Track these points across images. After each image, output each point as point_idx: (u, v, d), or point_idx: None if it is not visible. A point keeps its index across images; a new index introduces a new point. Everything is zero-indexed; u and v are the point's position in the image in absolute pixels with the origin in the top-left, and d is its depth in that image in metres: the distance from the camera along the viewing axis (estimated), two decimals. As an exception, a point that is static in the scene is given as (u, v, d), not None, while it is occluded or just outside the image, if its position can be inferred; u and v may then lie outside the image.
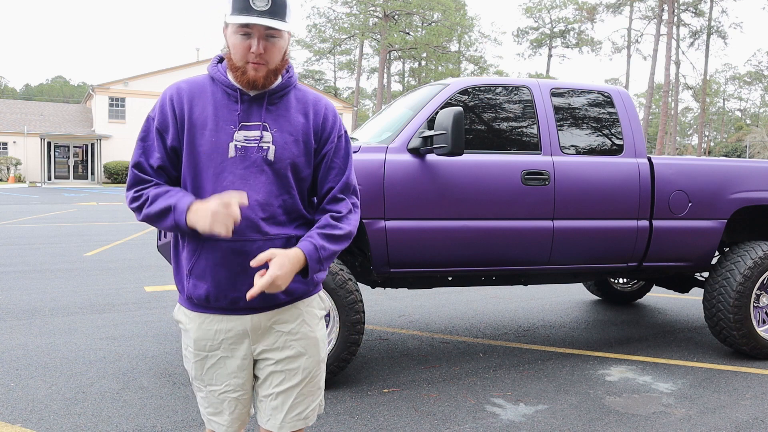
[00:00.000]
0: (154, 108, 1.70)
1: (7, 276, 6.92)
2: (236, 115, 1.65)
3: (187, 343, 1.78)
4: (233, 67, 1.64)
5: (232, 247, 1.64)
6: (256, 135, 1.65)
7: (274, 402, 1.76)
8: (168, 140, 1.67)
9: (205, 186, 1.65)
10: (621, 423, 3.20)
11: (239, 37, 1.60)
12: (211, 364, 1.75)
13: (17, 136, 37.04)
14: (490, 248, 3.86)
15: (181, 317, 1.80)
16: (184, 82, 1.71)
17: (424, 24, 48.04)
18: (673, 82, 44.44)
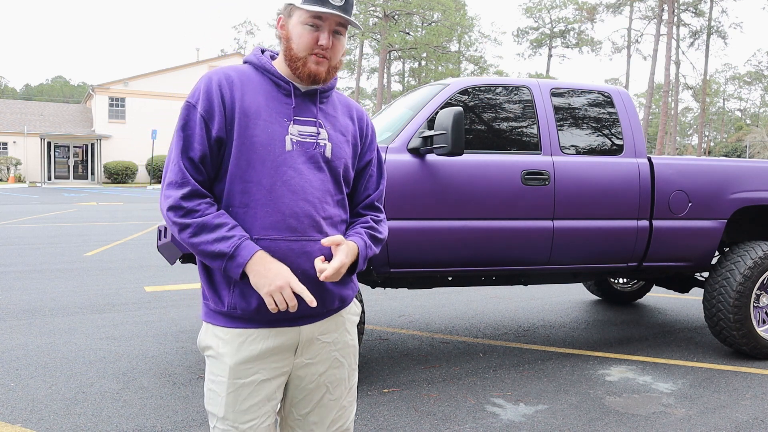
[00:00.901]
0: (196, 94, 1.54)
1: (7, 276, 6.92)
2: (290, 108, 1.58)
3: (217, 373, 1.53)
4: (293, 58, 1.56)
5: (292, 248, 1.52)
6: (312, 131, 1.59)
7: (314, 417, 1.66)
8: (213, 130, 1.51)
9: (261, 179, 1.51)
10: (621, 423, 3.21)
11: (308, 28, 1.54)
12: (248, 392, 1.53)
13: (17, 136, 37.04)
14: (490, 248, 3.86)
15: (211, 341, 1.55)
16: (230, 68, 1.59)
17: (424, 24, 48.06)
18: (673, 82, 44.45)
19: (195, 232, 1.46)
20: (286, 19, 1.58)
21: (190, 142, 1.50)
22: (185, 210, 1.46)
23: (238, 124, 1.52)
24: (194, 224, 1.46)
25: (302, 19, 1.54)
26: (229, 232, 1.46)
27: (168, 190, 1.48)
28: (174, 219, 1.47)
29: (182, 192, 1.46)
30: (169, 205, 1.47)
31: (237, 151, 1.51)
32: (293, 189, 1.53)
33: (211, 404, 1.56)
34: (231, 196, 1.52)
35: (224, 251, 1.45)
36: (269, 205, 1.51)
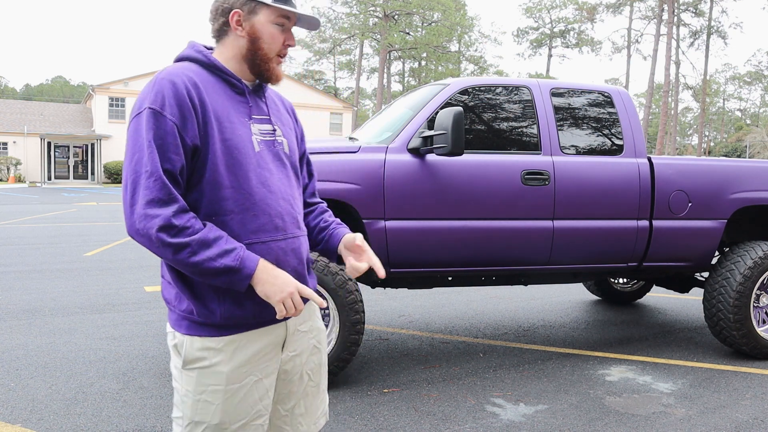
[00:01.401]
0: (159, 98, 1.40)
1: (7, 276, 6.92)
2: (248, 107, 1.55)
3: (209, 383, 1.47)
4: (263, 58, 1.53)
5: (281, 246, 1.52)
6: (269, 128, 1.58)
7: (300, 409, 1.66)
8: (188, 138, 1.41)
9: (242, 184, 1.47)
10: (621, 423, 3.21)
11: (278, 28, 1.52)
12: (242, 395, 1.49)
13: (17, 136, 37.04)
14: (490, 248, 3.86)
15: (200, 353, 1.47)
16: (183, 69, 1.47)
17: (424, 24, 48.05)
18: (673, 82, 44.45)
19: (195, 251, 1.35)
20: (246, 15, 1.50)
21: (165, 153, 1.37)
22: (178, 228, 1.35)
23: (212, 128, 1.44)
24: (193, 242, 1.35)
25: (272, 18, 1.51)
26: (228, 244, 1.39)
27: (151, 208, 1.33)
28: (168, 240, 1.34)
29: (172, 209, 1.35)
30: (159, 225, 1.33)
31: (215, 158, 1.43)
32: (272, 189, 1.52)
33: (200, 415, 1.48)
34: (213, 204, 1.45)
35: (231, 266, 1.37)
36: (255, 208, 1.48)
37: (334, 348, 3.55)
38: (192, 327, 1.47)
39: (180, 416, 1.51)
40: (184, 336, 1.47)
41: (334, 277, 3.50)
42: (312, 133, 39.54)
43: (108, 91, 37.15)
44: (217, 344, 1.47)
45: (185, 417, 1.49)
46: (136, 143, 1.38)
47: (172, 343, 1.51)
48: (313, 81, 59.57)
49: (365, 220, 3.62)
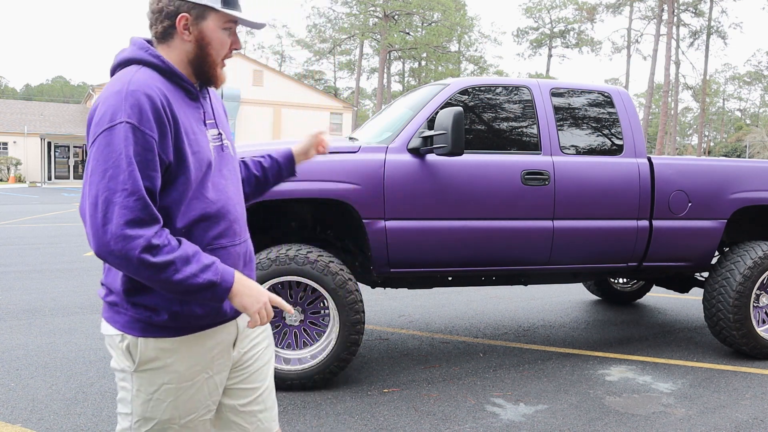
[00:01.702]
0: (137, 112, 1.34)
1: (7, 276, 6.93)
2: (201, 113, 1.54)
3: (161, 382, 1.47)
4: (211, 64, 1.50)
5: (237, 251, 1.57)
6: (215, 133, 1.58)
7: (259, 406, 1.67)
8: (164, 155, 1.38)
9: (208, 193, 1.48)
10: (621, 423, 3.21)
11: (225, 32, 1.50)
12: (194, 392, 1.51)
13: (17, 136, 37.05)
14: (490, 248, 3.86)
15: (154, 353, 1.46)
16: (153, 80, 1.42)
17: (424, 24, 48.05)
18: (673, 82, 44.45)
19: (179, 268, 1.33)
20: (194, 20, 1.46)
21: (145, 170, 1.33)
22: (159, 247, 1.31)
23: (184, 143, 1.42)
24: (177, 259, 1.33)
25: (221, 24, 1.48)
26: (207, 259, 1.39)
27: (131, 229, 1.28)
28: (151, 260, 1.30)
29: (154, 230, 1.32)
30: (142, 246, 1.29)
31: (188, 171, 1.42)
32: (229, 195, 1.55)
33: (150, 412, 1.48)
34: (184, 215, 1.44)
35: (213, 280, 1.37)
36: (217, 216, 1.50)
37: (334, 348, 3.55)
38: (147, 329, 1.45)
39: (128, 413, 1.50)
40: (137, 338, 1.45)
41: (334, 277, 3.50)
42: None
43: (108, 91, 37.08)
44: (172, 344, 1.47)
45: (134, 414, 1.49)
46: (109, 158, 1.30)
47: (122, 345, 1.46)
48: (313, 81, 59.57)
49: (365, 220, 3.63)
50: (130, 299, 1.44)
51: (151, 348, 1.45)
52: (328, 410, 3.30)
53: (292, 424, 3.10)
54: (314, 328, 3.65)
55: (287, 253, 3.48)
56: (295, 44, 50.45)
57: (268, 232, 4.04)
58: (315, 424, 3.11)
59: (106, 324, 1.50)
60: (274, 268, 3.44)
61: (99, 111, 1.36)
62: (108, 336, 1.50)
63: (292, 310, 1.51)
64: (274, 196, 3.51)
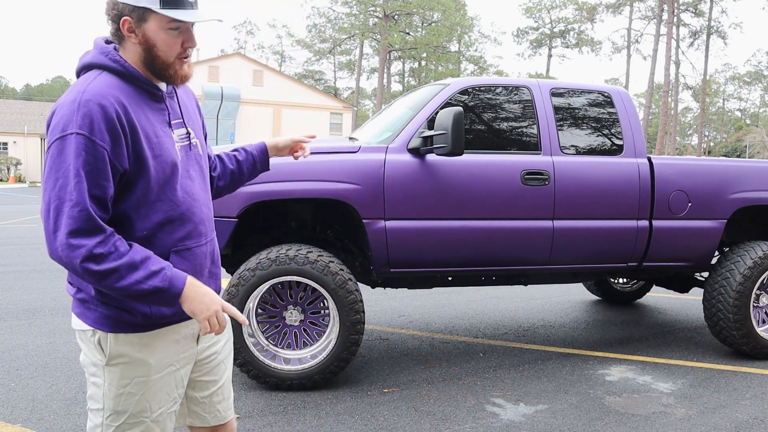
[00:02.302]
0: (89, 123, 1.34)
1: (7, 276, 6.93)
2: (166, 114, 1.54)
3: (133, 376, 1.51)
4: (163, 65, 1.47)
5: (203, 251, 1.61)
6: (183, 132, 1.58)
7: (217, 397, 1.75)
8: (118, 163, 1.38)
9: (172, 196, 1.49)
10: (621, 423, 3.21)
11: (171, 33, 1.46)
12: (162, 384, 1.55)
13: (17, 136, 37.06)
14: (490, 248, 3.86)
15: (123, 348, 1.49)
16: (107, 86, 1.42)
17: (424, 24, 48.05)
18: (673, 82, 44.45)
19: (123, 275, 1.35)
20: (136, 23, 1.44)
21: (96, 179, 1.34)
22: (103, 255, 1.34)
23: (143, 149, 1.42)
24: (121, 266, 1.35)
25: (162, 25, 1.44)
26: (155, 265, 1.40)
27: (74, 238, 1.32)
28: (94, 269, 1.33)
29: (96, 239, 1.34)
30: (84, 255, 1.32)
31: (148, 176, 1.43)
32: (194, 197, 1.57)
33: (122, 405, 1.51)
34: (144, 218, 1.45)
35: (159, 286, 1.39)
36: (183, 218, 1.52)
37: (334, 348, 3.55)
38: (118, 325, 1.49)
39: (99, 408, 1.53)
40: (108, 333, 1.49)
41: (334, 277, 3.50)
42: (312, 133, 39.44)
43: (108, 91, 37.09)
44: (141, 339, 1.51)
45: (106, 409, 1.52)
46: (60, 168, 1.33)
47: (94, 339, 1.49)
48: (313, 81, 59.57)
49: (365, 220, 3.63)
50: (101, 299, 1.48)
51: (122, 342, 1.49)
52: (328, 410, 3.30)
53: (292, 424, 3.10)
54: (314, 328, 3.65)
55: (287, 253, 3.48)
56: (295, 44, 50.44)
57: (268, 232, 4.04)
58: (315, 424, 3.11)
59: (76, 319, 1.53)
60: (274, 268, 3.44)
61: (54, 119, 1.38)
62: (79, 331, 1.53)
63: (246, 322, 1.53)
64: (275, 196, 3.51)
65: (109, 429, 1.53)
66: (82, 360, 1.55)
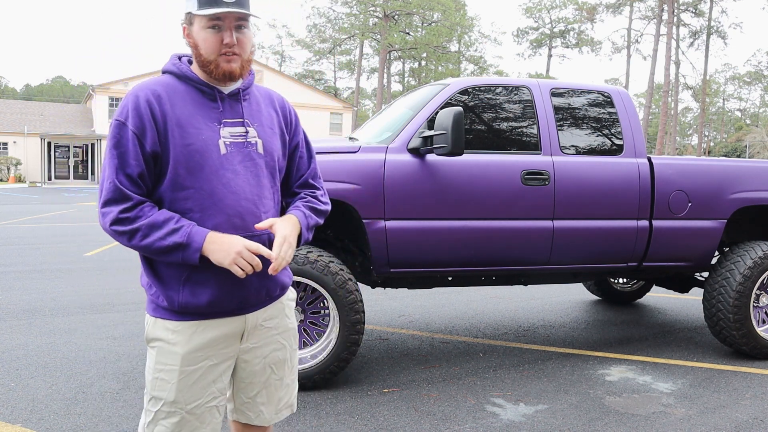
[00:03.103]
0: (124, 111, 1.57)
1: (7, 276, 6.92)
2: (218, 112, 1.64)
3: (166, 362, 1.62)
4: (204, 63, 1.62)
5: None
6: (241, 131, 1.67)
7: (261, 398, 1.79)
8: (147, 145, 1.56)
9: (201, 185, 1.59)
10: (621, 423, 3.21)
11: (210, 31, 1.60)
12: (197, 377, 1.63)
13: (17, 136, 37.04)
14: (490, 248, 3.86)
15: (160, 333, 1.63)
16: (153, 83, 1.63)
17: (424, 24, 48.04)
18: (673, 82, 44.44)
19: (146, 233, 1.52)
20: (189, 27, 1.64)
21: (125, 159, 1.54)
22: (128, 218, 1.52)
23: (172, 135, 1.57)
24: (143, 225, 1.52)
25: (202, 25, 1.60)
26: (177, 223, 1.54)
27: (105, 207, 1.54)
28: (120, 229, 1.52)
29: (121, 206, 1.53)
30: (111, 220, 1.52)
31: (175, 162, 1.57)
32: (233, 190, 1.62)
33: (157, 390, 1.62)
34: (174, 203, 1.59)
35: (179, 241, 1.52)
36: (212, 208, 1.59)
37: (334, 348, 3.55)
38: (157, 310, 1.64)
39: (147, 390, 1.67)
40: (150, 317, 1.66)
41: (334, 277, 3.50)
42: (312, 133, 39.53)
43: (108, 91, 37.15)
44: (176, 327, 1.62)
45: (147, 392, 1.66)
46: (106, 152, 1.59)
47: (145, 323, 1.69)
48: (313, 81, 59.55)
49: (365, 220, 3.63)
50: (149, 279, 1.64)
51: (160, 327, 1.64)
52: (328, 410, 3.30)
53: (292, 424, 3.10)
54: (314, 328, 3.65)
55: (287, 253, 3.47)
56: (295, 44, 50.43)
57: (268, 232, 4.03)
58: (315, 424, 3.11)
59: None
60: (274, 268, 3.44)
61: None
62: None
63: (272, 255, 1.57)
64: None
65: (150, 415, 1.64)
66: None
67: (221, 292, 1.62)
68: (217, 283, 1.61)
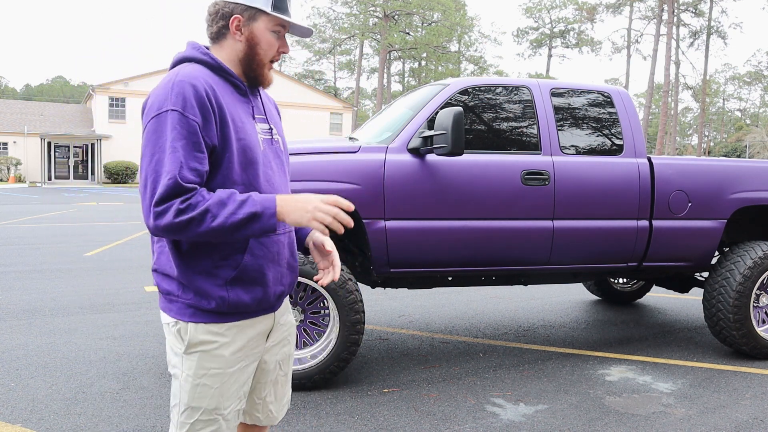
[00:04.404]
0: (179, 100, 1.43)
1: (7, 276, 6.92)
2: (251, 107, 1.63)
3: (210, 366, 1.54)
4: (259, 63, 1.60)
5: (281, 240, 1.62)
6: (266, 128, 1.67)
7: (270, 397, 1.76)
8: (208, 138, 1.46)
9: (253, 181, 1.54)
10: (621, 423, 3.21)
11: (274, 35, 1.60)
12: (234, 380, 1.58)
13: (17, 136, 37.04)
14: (490, 248, 3.86)
15: (205, 337, 1.53)
16: (196, 71, 1.51)
17: (424, 24, 48.04)
18: (673, 82, 44.44)
19: (215, 213, 1.39)
20: (246, 21, 1.57)
21: (191, 151, 1.42)
22: (190, 205, 1.39)
23: (229, 129, 1.50)
24: (210, 206, 1.39)
25: (270, 26, 1.58)
26: (242, 195, 1.44)
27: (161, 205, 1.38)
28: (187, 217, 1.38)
29: (181, 198, 1.39)
30: (174, 212, 1.38)
31: (231, 156, 1.50)
32: (275, 187, 1.61)
33: (197, 400, 1.54)
34: None
35: (253, 211, 1.42)
36: None
37: (334, 348, 3.55)
38: (197, 314, 1.53)
39: (176, 403, 1.57)
40: (188, 323, 1.53)
41: (334, 277, 3.49)
42: (312, 133, 39.52)
43: (108, 91, 37.15)
44: (220, 329, 1.54)
45: (182, 403, 1.55)
46: (157, 143, 1.41)
47: (174, 330, 1.55)
48: (313, 81, 59.55)
49: (365, 220, 3.63)
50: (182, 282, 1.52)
51: (201, 331, 1.53)
52: (328, 410, 3.30)
53: (292, 424, 3.10)
54: (314, 328, 3.65)
55: (287, 253, 3.48)
56: (295, 44, 50.43)
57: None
58: (315, 424, 3.11)
59: (163, 314, 1.60)
60: (274, 268, 3.44)
61: (149, 101, 1.48)
62: (165, 324, 1.59)
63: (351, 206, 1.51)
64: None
65: (184, 427, 1.55)
66: (168, 353, 1.59)
67: (266, 289, 1.58)
68: (264, 278, 1.57)
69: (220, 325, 1.54)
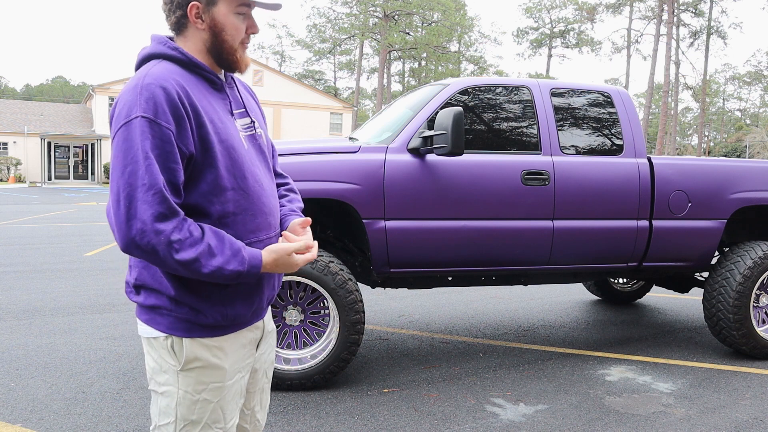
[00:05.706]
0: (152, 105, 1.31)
1: (7, 276, 6.92)
2: (228, 103, 1.51)
3: (209, 381, 1.46)
4: (228, 50, 1.46)
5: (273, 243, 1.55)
6: (247, 122, 1.55)
7: (257, 406, 1.71)
8: (185, 146, 1.34)
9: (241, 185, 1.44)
10: (621, 423, 3.21)
11: (239, 17, 1.46)
12: (234, 392, 1.52)
13: (17, 136, 37.04)
14: (490, 248, 3.86)
15: (201, 353, 1.44)
16: (170, 72, 1.39)
17: (424, 24, 48.03)
18: (672, 82, 44.44)
19: (203, 263, 1.32)
20: (205, 7, 1.43)
21: (165, 162, 1.30)
22: (180, 241, 1.30)
23: (208, 132, 1.38)
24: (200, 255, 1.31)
25: (233, 8, 1.44)
26: (231, 246, 1.37)
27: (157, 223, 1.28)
28: (176, 257, 1.29)
29: (173, 224, 1.29)
30: (165, 242, 1.28)
31: (216, 161, 1.38)
32: (263, 187, 1.52)
33: (198, 413, 1.45)
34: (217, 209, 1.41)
35: (240, 270, 1.36)
36: (253, 208, 1.47)
37: (334, 348, 3.55)
38: (194, 329, 1.44)
39: (169, 421, 1.46)
40: (182, 338, 1.44)
41: (334, 277, 3.50)
42: (312, 133, 39.53)
43: (108, 91, 37.15)
44: (218, 343, 1.47)
45: (179, 419, 1.45)
46: (128, 154, 1.29)
47: (167, 344, 1.44)
48: (313, 81, 59.55)
49: (365, 220, 3.63)
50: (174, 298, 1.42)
51: (197, 346, 1.44)
52: (328, 410, 3.30)
53: (292, 424, 3.10)
54: (314, 328, 3.65)
55: (287, 253, 3.47)
56: (295, 44, 50.46)
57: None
58: (315, 424, 3.11)
59: (145, 326, 1.46)
60: (274, 268, 3.44)
61: (116, 108, 1.36)
62: (149, 338, 1.46)
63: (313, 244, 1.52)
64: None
65: None
66: (150, 370, 1.47)
67: (261, 297, 1.54)
68: (260, 288, 1.52)
69: (214, 339, 1.46)
